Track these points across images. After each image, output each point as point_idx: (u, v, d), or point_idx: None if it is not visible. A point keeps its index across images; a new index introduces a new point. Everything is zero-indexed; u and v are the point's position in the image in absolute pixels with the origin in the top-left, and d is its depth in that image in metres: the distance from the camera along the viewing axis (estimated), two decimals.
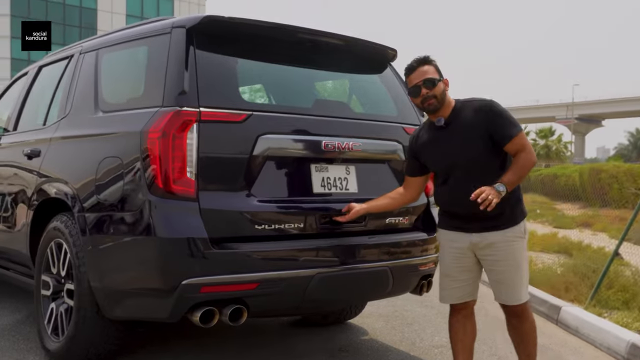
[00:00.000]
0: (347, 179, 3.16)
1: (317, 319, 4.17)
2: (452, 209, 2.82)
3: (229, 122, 2.81)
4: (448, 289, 2.88)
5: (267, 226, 2.81)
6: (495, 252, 2.74)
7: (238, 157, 2.81)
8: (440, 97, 2.75)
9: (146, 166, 2.70)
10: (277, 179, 2.95)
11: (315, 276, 2.86)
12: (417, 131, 2.97)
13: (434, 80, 2.74)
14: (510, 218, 2.74)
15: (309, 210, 2.96)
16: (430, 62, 2.79)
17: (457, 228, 2.81)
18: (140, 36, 3.21)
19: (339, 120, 3.19)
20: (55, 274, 3.27)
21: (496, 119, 2.69)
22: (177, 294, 2.60)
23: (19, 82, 4.60)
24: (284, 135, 2.95)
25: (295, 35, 3.19)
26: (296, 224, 2.89)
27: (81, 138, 3.27)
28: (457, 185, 2.75)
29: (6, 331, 3.84)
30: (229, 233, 2.73)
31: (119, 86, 3.36)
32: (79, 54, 3.69)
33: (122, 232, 2.80)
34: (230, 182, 2.79)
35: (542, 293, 5.07)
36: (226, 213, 2.74)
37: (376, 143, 3.29)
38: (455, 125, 2.76)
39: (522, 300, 2.79)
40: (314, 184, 3.03)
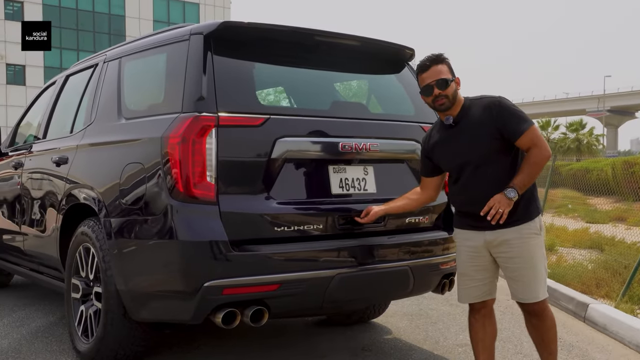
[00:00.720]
0: (365, 179, 3.18)
1: (341, 319, 4.20)
2: (465, 207, 2.82)
3: (247, 127, 2.85)
4: (465, 288, 2.88)
5: (286, 228, 2.85)
6: (509, 249, 2.72)
7: (257, 160, 2.85)
8: (452, 97, 2.75)
9: (167, 171, 2.76)
10: (295, 181, 2.98)
11: (335, 277, 2.89)
12: (429, 131, 2.98)
13: (447, 81, 2.73)
14: (524, 214, 2.71)
15: (327, 211, 2.99)
16: (444, 60, 2.78)
17: (471, 226, 2.80)
18: (159, 44, 3.28)
19: (356, 121, 3.21)
20: (84, 278, 3.36)
21: (505, 115, 2.67)
22: (199, 296, 2.66)
23: (48, 91, 4.75)
24: (302, 137, 2.99)
25: (312, 38, 3.23)
26: (315, 225, 2.93)
27: (105, 145, 3.36)
28: (468, 184, 2.75)
29: (40, 333, 3.97)
30: (249, 235, 2.78)
31: (141, 93, 3.44)
32: (103, 63, 3.79)
33: (145, 236, 2.87)
34: (249, 185, 2.83)
35: (569, 290, 5.01)
36: (246, 216, 2.79)
37: (394, 143, 3.30)
38: (464, 124, 2.75)
39: (539, 298, 2.75)
40: (332, 185, 3.05)
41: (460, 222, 2.87)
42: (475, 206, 2.71)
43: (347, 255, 2.97)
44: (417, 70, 2.81)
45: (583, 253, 7.16)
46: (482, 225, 2.73)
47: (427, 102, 2.84)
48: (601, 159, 23.94)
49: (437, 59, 2.77)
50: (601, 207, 13.22)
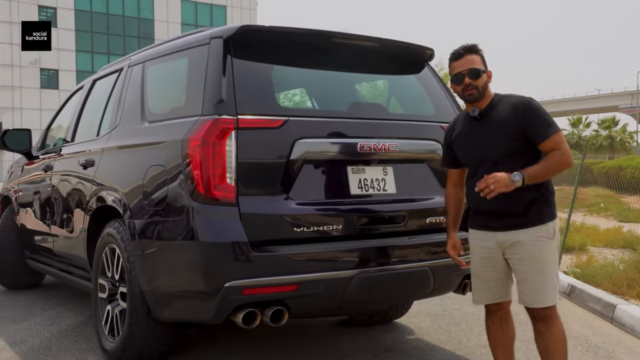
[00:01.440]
0: (384, 179, 3.18)
1: (363, 319, 4.21)
2: (479, 205, 2.76)
3: (266, 128, 2.89)
4: (478, 289, 2.85)
5: (305, 228, 2.87)
6: (519, 251, 2.66)
7: (276, 161, 2.88)
8: (482, 89, 2.71)
9: (188, 173, 2.81)
10: (314, 182, 3.01)
11: (354, 277, 2.90)
12: (454, 120, 2.94)
13: (478, 71, 2.69)
14: (537, 217, 2.66)
15: (346, 212, 3.00)
16: (478, 51, 2.74)
17: (484, 227, 2.76)
18: (181, 48, 3.34)
19: (375, 121, 3.22)
20: (110, 278, 3.44)
21: (532, 116, 2.62)
22: (220, 296, 2.70)
23: (76, 95, 4.87)
24: (320, 138, 3.01)
25: (330, 39, 3.25)
26: (334, 226, 2.94)
27: (129, 148, 3.44)
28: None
29: (69, 331, 4.08)
30: (268, 236, 2.81)
31: (163, 97, 3.50)
32: (128, 67, 3.87)
33: (167, 237, 2.93)
34: (269, 187, 2.87)
35: (596, 290, 4.92)
36: (266, 217, 2.82)
37: (413, 143, 3.30)
38: (489, 118, 2.71)
39: (546, 304, 2.66)
40: (351, 185, 3.06)
41: (474, 222, 2.84)
42: (490, 205, 2.67)
43: (367, 256, 2.97)
44: (450, 58, 2.77)
45: (615, 253, 7.02)
46: (494, 226, 2.71)
47: (456, 91, 2.79)
48: (635, 156, 23.38)
49: (472, 49, 2.74)
50: (635, 206, 12.92)
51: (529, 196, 2.63)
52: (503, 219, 2.68)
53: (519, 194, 2.60)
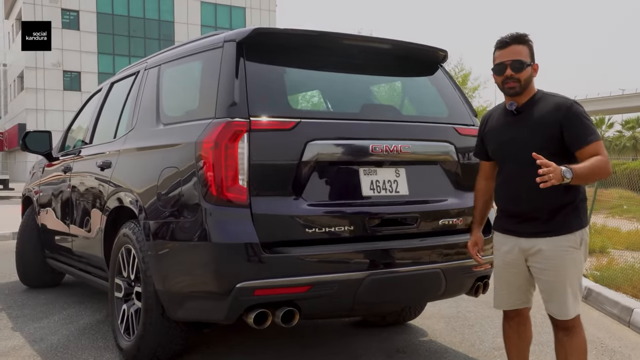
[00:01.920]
0: (397, 181, 3.18)
1: (376, 320, 4.21)
2: (505, 204, 2.68)
3: (278, 130, 2.91)
4: (500, 294, 2.78)
5: (317, 229, 2.89)
6: (542, 260, 2.57)
7: (288, 163, 2.91)
8: (524, 83, 2.56)
9: (201, 175, 2.85)
10: (326, 183, 3.02)
11: (366, 279, 2.91)
12: (490, 112, 2.83)
13: (522, 64, 2.54)
14: (563, 225, 2.54)
15: (358, 213, 3.01)
16: (526, 41, 2.58)
17: (508, 231, 2.69)
18: (195, 51, 3.38)
19: (387, 123, 3.22)
20: (126, 278, 3.50)
21: (573, 119, 2.47)
22: (231, 296, 2.73)
23: (94, 98, 4.95)
24: (332, 140, 3.03)
25: (343, 42, 3.27)
26: (346, 227, 2.96)
27: (145, 150, 3.49)
28: (510, 179, 2.63)
29: (87, 330, 4.15)
30: (280, 237, 2.83)
31: (177, 99, 3.55)
32: (144, 70, 3.93)
33: (181, 237, 2.97)
34: (280, 188, 2.89)
35: (614, 294, 4.86)
36: (277, 218, 2.84)
37: (426, 144, 3.29)
38: (527, 115, 2.57)
39: (570, 316, 2.57)
40: (362, 187, 3.08)
41: (499, 226, 2.75)
42: (515, 205, 2.60)
43: (378, 257, 2.98)
44: (495, 46, 2.63)
45: (636, 255, 6.91)
46: (517, 231, 2.63)
47: (496, 82, 2.65)
48: None
49: (519, 38, 2.57)
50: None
51: (557, 201, 2.51)
52: (526, 224, 2.59)
53: (546, 197, 2.49)
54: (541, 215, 2.54)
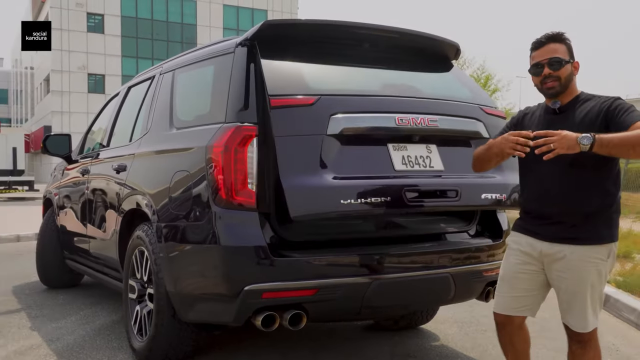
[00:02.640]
0: (429, 157, 3.11)
1: (389, 324, 4.20)
2: (531, 204, 2.53)
3: (300, 106, 2.88)
4: (503, 296, 2.60)
5: (352, 201, 2.80)
6: (565, 269, 2.43)
7: (313, 136, 2.86)
8: (565, 81, 2.44)
9: (211, 179, 2.88)
10: (354, 159, 2.96)
11: (373, 283, 2.91)
12: (527, 109, 2.68)
13: (561, 61, 2.43)
14: (594, 234, 2.40)
15: (393, 185, 2.93)
16: (563, 40, 2.48)
17: (531, 232, 2.53)
18: (208, 56, 3.42)
19: (412, 99, 3.16)
20: (139, 279, 3.55)
21: (617, 110, 2.34)
22: (240, 299, 2.75)
23: (112, 102, 5.04)
24: (356, 113, 2.96)
25: (354, 31, 3.27)
26: (382, 198, 2.86)
27: (158, 153, 3.54)
28: (543, 178, 2.46)
29: (102, 330, 4.22)
30: (313, 211, 2.79)
31: (190, 104, 3.59)
32: (159, 75, 3.99)
33: (191, 240, 3.01)
34: (308, 165, 2.82)
35: (632, 300, 4.78)
36: (309, 190, 2.78)
37: (455, 120, 3.20)
38: (571, 114, 2.44)
39: (588, 329, 2.46)
40: (394, 162, 3.01)
41: (520, 226, 2.61)
42: (545, 205, 2.46)
43: (386, 262, 2.98)
44: (531, 47, 2.54)
45: None
46: (541, 233, 2.49)
47: (535, 84, 2.54)
48: None
49: (555, 37, 2.47)
50: None
51: (591, 206, 2.38)
52: (554, 226, 2.44)
53: (581, 200, 2.38)
54: (572, 220, 2.41)
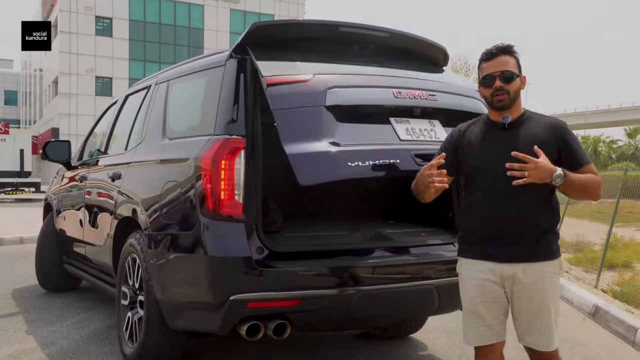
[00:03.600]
0: (434, 130, 3.15)
1: (378, 333, 4.25)
2: (481, 227, 2.44)
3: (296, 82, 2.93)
4: (474, 328, 2.48)
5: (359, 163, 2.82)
6: (527, 287, 2.40)
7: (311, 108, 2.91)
8: (513, 95, 2.43)
9: (199, 189, 2.95)
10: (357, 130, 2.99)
11: (356, 294, 2.96)
12: (467, 125, 2.61)
13: (512, 75, 2.41)
14: (548, 250, 2.41)
15: (400, 149, 2.97)
16: (513, 53, 2.46)
17: (484, 256, 2.44)
18: (201, 68, 3.49)
19: (407, 78, 3.20)
20: (131, 286, 3.62)
21: (570, 141, 2.41)
22: (225, 308, 2.81)
23: (111, 109, 5.12)
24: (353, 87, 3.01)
25: (339, 30, 3.32)
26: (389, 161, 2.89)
27: (151, 163, 3.62)
28: (492, 197, 2.40)
29: (97, 335, 4.29)
30: (317, 179, 2.85)
31: (182, 115, 3.67)
32: (155, 85, 4.07)
33: (179, 249, 3.08)
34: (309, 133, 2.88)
35: (620, 312, 4.80)
36: (310, 157, 2.83)
37: (453, 96, 3.25)
38: (521, 132, 2.41)
39: (553, 347, 2.42)
40: (399, 133, 3.04)
41: (470, 251, 2.50)
42: (497, 227, 2.39)
43: (370, 273, 3.03)
44: (481, 58, 2.50)
45: None
46: (497, 255, 2.41)
47: (484, 96, 2.50)
48: None
49: (506, 49, 2.45)
50: None
51: (544, 224, 2.40)
52: (509, 247, 2.39)
53: (535, 218, 2.38)
54: (526, 239, 2.38)
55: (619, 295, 5.59)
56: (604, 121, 58.56)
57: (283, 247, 3.00)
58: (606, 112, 59.03)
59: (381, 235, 3.32)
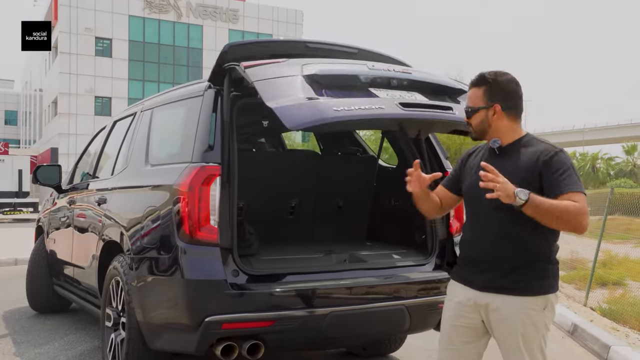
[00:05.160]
0: (414, 97, 3.09)
1: (358, 351, 4.34)
2: (465, 249, 2.47)
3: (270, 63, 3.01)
4: (443, 349, 2.49)
5: (344, 108, 2.73)
6: (498, 320, 2.32)
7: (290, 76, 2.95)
8: (477, 128, 2.41)
9: (177, 215, 3.07)
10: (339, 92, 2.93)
11: (329, 315, 3.07)
12: (475, 148, 2.60)
13: (470, 110, 2.41)
14: (525, 285, 2.29)
15: (385, 99, 2.93)
16: (484, 83, 2.38)
17: (464, 281, 2.43)
18: (182, 97, 3.64)
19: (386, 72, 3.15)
20: (115, 308, 3.71)
21: (551, 168, 2.25)
22: (201, 329, 2.92)
23: (100, 134, 5.26)
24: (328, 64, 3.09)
25: (308, 46, 3.45)
26: (377, 106, 2.85)
27: (133, 189, 3.74)
28: (476, 220, 2.42)
29: (83, 356, 4.38)
30: (310, 121, 2.74)
31: (164, 142, 3.81)
32: (140, 112, 4.21)
33: (158, 272, 3.19)
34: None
35: (596, 330, 4.89)
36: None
37: (430, 74, 3.24)
38: (510, 159, 2.34)
39: None
40: (380, 96, 2.96)
41: (456, 273, 2.52)
42: (476, 250, 2.39)
43: (342, 293, 3.15)
44: None
45: None
46: (474, 281, 2.39)
47: None
48: None
49: (476, 81, 2.41)
50: None
51: (523, 254, 2.29)
52: (484, 274, 2.35)
53: (511, 246, 2.30)
54: (501, 267, 2.32)
55: (607, 313, 5.65)
56: (602, 138, 58.84)
57: (258, 269, 3.13)
58: (604, 129, 59.33)
59: (355, 257, 3.43)
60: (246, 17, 46.03)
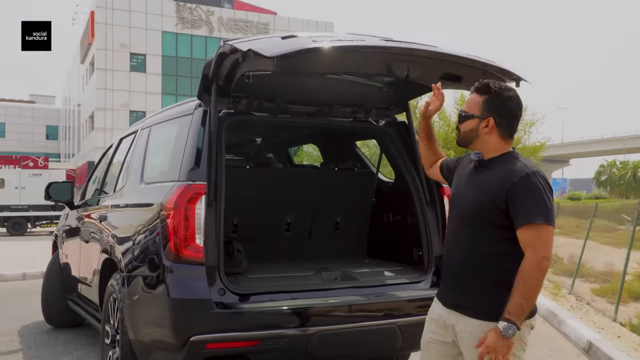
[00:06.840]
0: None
1: None
2: (444, 264, 2.42)
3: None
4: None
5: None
6: (462, 341, 2.27)
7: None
8: (463, 135, 2.33)
9: (163, 233, 3.07)
10: None
11: (316, 334, 3.01)
12: (467, 155, 2.52)
13: (464, 115, 2.32)
14: (486, 308, 2.17)
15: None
16: (482, 92, 2.30)
17: (439, 296, 2.42)
18: (175, 116, 3.67)
19: None
20: (112, 325, 3.74)
21: (520, 191, 2.14)
22: (186, 349, 2.90)
23: (109, 152, 5.34)
24: None
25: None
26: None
27: (129, 207, 3.77)
28: (451, 235, 2.36)
29: None
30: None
31: (157, 160, 3.83)
32: (141, 130, 4.26)
33: (145, 291, 3.19)
34: None
35: (612, 350, 4.67)
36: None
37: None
38: (486, 172, 2.28)
39: None
40: None
41: (439, 289, 2.48)
42: (448, 266, 2.35)
43: (329, 312, 3.09)
44: None
45: None
46: (442, 299, 2.36)
47: None
48: None
49: (480, 88, 2.31)
50: None
51: (486, 273, 2.19)
52: (449, 291, 2.32)
53: (474, 263, 2.21)
54: (462, 285, 2.26)
55: (637, 329, 5.42)
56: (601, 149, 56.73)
57: (245, 288, 3.09)
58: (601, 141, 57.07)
59: (346, 275, 3.37)
60: (277, 30, 46.39)
